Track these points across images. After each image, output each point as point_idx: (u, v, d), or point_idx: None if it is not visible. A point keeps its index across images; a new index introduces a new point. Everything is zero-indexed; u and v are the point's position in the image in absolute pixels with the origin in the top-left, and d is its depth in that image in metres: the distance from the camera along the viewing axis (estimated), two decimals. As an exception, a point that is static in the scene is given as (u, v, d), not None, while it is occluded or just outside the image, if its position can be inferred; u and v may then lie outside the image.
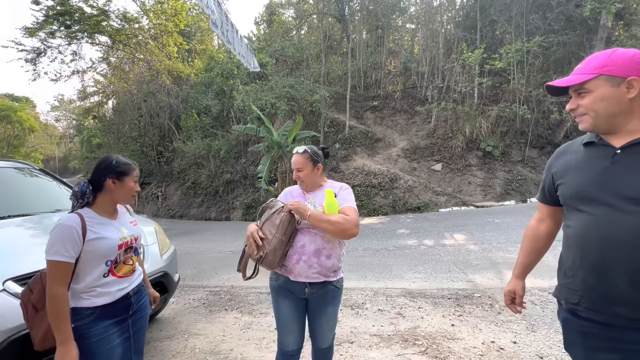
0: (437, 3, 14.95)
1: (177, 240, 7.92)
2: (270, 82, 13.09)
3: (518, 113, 10.34)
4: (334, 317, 1.69)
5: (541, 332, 2.54)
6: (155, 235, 2.69)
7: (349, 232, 1.52)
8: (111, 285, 1.36)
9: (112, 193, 1.40)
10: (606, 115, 0.99)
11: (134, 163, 1.48)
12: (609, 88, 0.97)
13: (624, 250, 0.93)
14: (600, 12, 9.09)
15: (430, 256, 4.93)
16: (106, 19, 13.85)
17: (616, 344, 1.00)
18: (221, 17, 3.93)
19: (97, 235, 1.31)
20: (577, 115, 1.05)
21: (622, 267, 0.93)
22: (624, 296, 0.95)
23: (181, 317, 3.22)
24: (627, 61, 0.95)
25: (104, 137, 20.37)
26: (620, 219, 0.94)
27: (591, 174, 1.02)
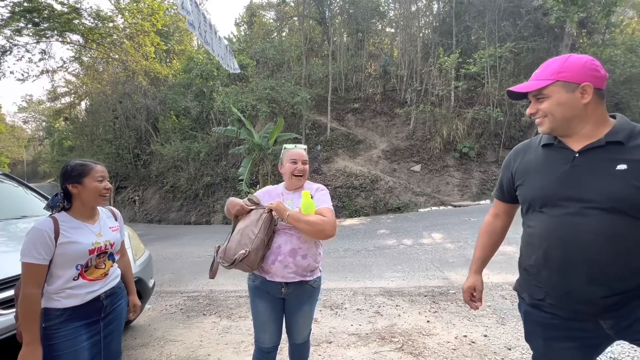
0: (415, 8, 15.34)
1: (155, 246, 7.71)
2: (251, 84, 13.00)
3: (492, 116, 10.76)
4: (310, 315, 1.72)
5: (510, 324, 2.66)
6: (128, 240, 2.61)
7: (326, 233, 1.54)
8: (81, 287, 1.37)
9: (79, 197, 1.41)
10: (563, 119, 1.03)
11: (94, 162, 1.48)
12: (564, 94, 1.00)
13: (584, 251, 0.97)
14: (565, 21, 9.63)
15: (409, 255, 5.05)
16: (78, 17, 13.30)
17: (573, 333, 1.07)
18: (199, 17, 3.89)
19: (68, 240, 1.33)
20: (537, 118, 1.09)
21: (583, 267, 0.98)
22: (584, 294, 1.00)
23: (157, 323, 3.15)
24: (580, 67, 0.99)
25: (77, 139, 19.55)
26: (580, 221, 0.98)
27: (552, 176, 1.06)
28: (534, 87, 1.05)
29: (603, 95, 1.03)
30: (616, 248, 0.95)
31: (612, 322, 1.01)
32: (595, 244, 0.96)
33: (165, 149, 14.08)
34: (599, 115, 1.03)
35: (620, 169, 0.95)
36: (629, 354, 2.11)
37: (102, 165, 1.49)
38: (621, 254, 0.95)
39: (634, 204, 0.93)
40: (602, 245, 0.96)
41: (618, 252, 0.95)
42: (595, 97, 1.00)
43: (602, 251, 0.96)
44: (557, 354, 1.13)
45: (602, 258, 0.96)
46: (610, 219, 0.95)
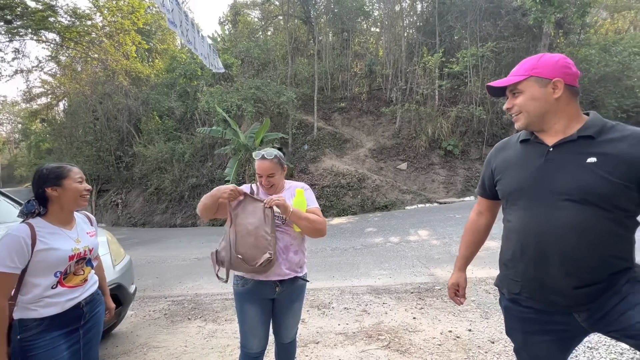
0: (399, 8, 15.50)
1: (139, 250, 7.52)
2: (236, 84, 12.85)
3: (475, 114, 10.99)
4: (299, 312, 1.74)
5: (493, 318, 2.72)
6: (107, 245, 2.54)
7: (323, 232, 1.61)
8: (60, 295, 1.32)
9: (59, 201, 1.36)
10: (536, 114, 1.06)
11: (71, 164, 1.44)
12: (538, 88, 1.05)
13: (558, 243, 1.00)
14: (543, 21, 9.92)
15: (396, 253, 5.09)
16: (53, 15, 12.81)
17: (549, 326, 1.11)
18: (180, 15, 3.80)
19: (47, 246, 1.28)
20: (513, 114, 1.13)
21: (556, 259, 1.01)
22: (558, 286, 1.03)
23: (140, 330, 3.06)
24: (553, 64, 1.04)
25: (55, 141, 18.87)
26: (554, 214, 1.01)
27: (528, 171, 1.09)
28: (510, 82, 1.10)
29: (576, 93, 1.07)
30: (588, 239, 0.98)
31: (585, 315, 1.04)
32: (568, 235, 0.99)
33: (148, 151, 13.76)
34: (571, 111, 1.06)
35: (590, 161, 0.98)
36: (604, 342, 2.18)
37: (77, 167, 1.45)
38: (593, 245, 0.98)
39: (603, 195, 0.96)
40: (574, 237, 0.98)
41: (590, 243, 0.98)
42: (567, 93, 1.04)
43: (575, 243, 0.99)
44: (536, 347, 1.16)
45: (574, 249, 0.99)
46: (582, 211, 0.98)
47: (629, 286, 0.99)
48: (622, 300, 0.98)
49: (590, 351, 2.12)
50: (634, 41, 11.48)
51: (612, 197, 0.96)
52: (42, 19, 12.38)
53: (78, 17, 13.46)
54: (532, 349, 1.18)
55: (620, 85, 10.65)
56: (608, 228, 0.98)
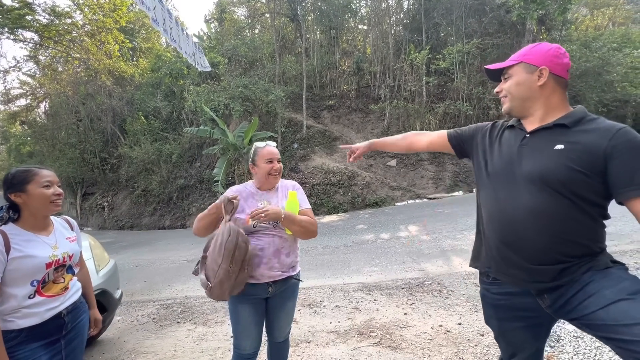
0: (385, 5, 15.54)
1: (126, 253, 7.37)
2: (223, 82, 12.67)
3: (462, 110, 11.12)
4: (292, 310, 1.73)
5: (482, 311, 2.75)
6: (90, 250, 2.46)
7: (314, 234, 1.61)
8: (39, 305, 1.26)
9: (27, 207, 1.29)
10: (519, 98, 1.09)
11: (40, 167, 1.36)
12: (524, 74, 1.07)
13: (517, 223, 1.05)
14: (526, 18, 10.10)
15: (387, 249, 5.12)
16: (31, 13, 12.37)
17: (519, 312, 1.14)
18: (163, 13, 3.71)
19: (22, 254, 1.21)
20: (501, 97, 1.16)
21: (515, 237, 1.06)
22: (517, 261, 1.07)
23: (127, 336, 2.99)
24: (544, 53, 1.06)
25: (36, 144, 18.31)
26: (516, 196, 1.05)
27: (504, 155, 1.13)
28: (501, 66, 1.14)
29: (564, 84, 1.08)
30: (544, 222, 1.01)
31: (548, 301, 1.06)
32: (526, 217, 1.03)
33: (134, 152, 13.47)
34: (554, 101, 1.08)
35: (557, 148, 1.01)
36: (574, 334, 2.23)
37: (48, 169, 1.37)
38: (548, 228, 1.01)
39: (562, 181, 0.99)
40: (531, 219, 1.02)
41: (545, 226, 1.01)
42: (552, 82, 1.06)
43: (531, 224, 1.03)
44: (510, 334, 1.20)
45: (530, 230, 1.03)
46: (541, 196, 1.01)
47: (589, 275, 1.00)
48: (581, 290, 1.00)
49: (576, 340, 2.17)
50: (613, 37, 11.80)
51: (570, 183, 0.98)
52: (18, 17, 11.94)
53: (57, 15, 13.04)
54: (507, 336, 1.22)
55: (601, 80, 10.95)
56: (565, 213, 1.00)
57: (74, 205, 15.70)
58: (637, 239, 3.93)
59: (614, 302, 0.92)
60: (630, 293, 0.92)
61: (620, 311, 0.90)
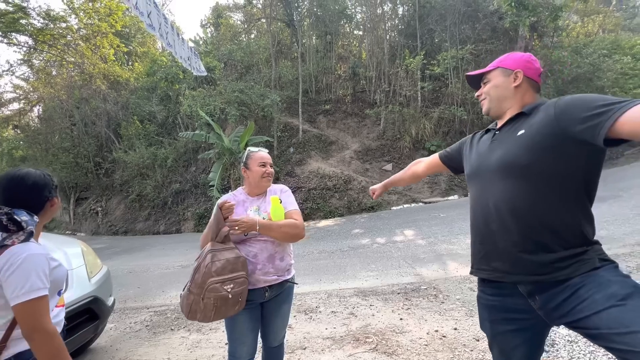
0: (381, 11, 15.71)
1: (120, 259, 7.28)
2: (219, 87, 12.67)
3: (456, 114, 11.23)
4: (287, 314, 1.73)
5: (478, 316, 2.75)
6: (82, 256, 2.43)
7: (297, 237, 1.60)
8: (58, 316, 1.23)
9: (52, 213, 1.23)
10: (496, 99, 1.20)
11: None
12: (502, 77, 1.19)
13: (493, 215, 1.10)
14: (518, 24, 10.26)
15: (382, 254, 5.11)
16: (25, 17, 12.31)
17: (510, 314, 1.14)
18: (159, 18, 3.71)
19: (57, 262, 1.15)
20: (481, 100, 1.27)
21: (493, 229, 1.11)
22: (497, 252, 1.11)
23: (120, 343, 2.94)
24: (518, 59, 1.19)
25: (29, 149, 18.05)
26: (489, 188, 1.12)
27: (478, 156, 1.23)
28: (481, 71, 1.26)
29: (536, 87, 1.18)
30: (516, 210, 1.05)
31: (539, 302, 1.05)
32: (500, 207, 1.08)
33: (129, 156, 13.37)
34: (526, 100, 1.17)
35: (519, 134, 1.08)
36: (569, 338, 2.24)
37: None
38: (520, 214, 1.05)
39: (526, 164, 1.02)
40: (505, 208, 1.07)
41: (517, 213, 1.04)
42: (526, 84, 1.17)
43: (504, 214, 1.07)
44: (501, 337, 1.19)
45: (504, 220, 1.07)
46: (508, 182, 1.07)
47: (579, 279, 0.99)
48: (573, 294, 0.99)
49: (570, 345, 2.17)
50: (603, 44, 12.03)
51: (534, 164, 1.01)
52: (12, 21, 11.88)
53: (52, 19, 12.99)
54: (499, 340, 1.20)
55: (592, 86, 11.12)
56: (535, 198, 1.02)
57: (67, 210, 15.50)
58: (629, 242, 3.97)
59: (606, 309, 0.91)
60: (620, 298, 0.91)
61: (612, 318, 0.90)
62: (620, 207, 5.60)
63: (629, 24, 19.83)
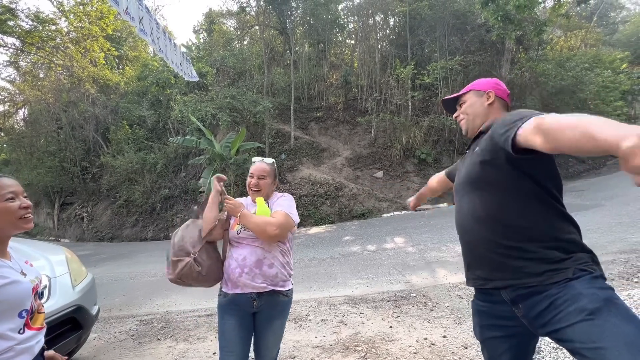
0: (372, 22, 16.01)
1: (105, 266, 7.10)
2: (211, 93, 12.63)
3: (446, 124, 11.44)
4: (280, 331, 1.67)
5: (467, 323, 2.78)
6: (66, 264, 2.36)
7: (267, 233, 1.52)
8: (30, 339, 1.04)
9: None
10: (473, 117, 1.31)
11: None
12: (476, 98, 1.33)
13: (466, 228, 1.22)
14: (505, 38, 10.59)
15: (373, 261, 5.12)
16: (13, 18, 12.11)
17: (498, 321, 1.17)
18: (151, 23, 3.70)
19: (7, 280, 0.98)
20: (460, 120, 1.38)
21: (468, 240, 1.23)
22: (476, 261, 1.21)
23: (103, 354, 2.86)
24: (487, 82, 1.35)
25: (13, 152, 17.60)
26: (460, 204, 1.25)
27: (459, 171, 1.34)
28: (456, 95, 1.41)
29: (506, 106, 1.32)
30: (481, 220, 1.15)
31: (522, 311, 1.07)
32: (469, 219, 1.20)
33: (117, 161, 13.15)
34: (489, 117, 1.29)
35: (476, 151, 1.20)
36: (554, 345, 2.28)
37: (9, 177, 1.10)
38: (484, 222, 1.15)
39: (480, 177, 1.15)
40: (471, 219, 1.18)
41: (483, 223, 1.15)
42: (497, 103, 1.30)
43: (473, 224, 1.18)
44: (489, 343, 1.22)
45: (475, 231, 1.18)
46: (472, 197, 1.19)
47: (555, 289, 1.00)
48: (550, 304, 1.00)
49: (555, 351, 2.21)
50: (585, 58, 12.51)
51: (486, 175, 1.13)
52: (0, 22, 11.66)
53: (41, 21, 12.80)
54: (488, 346, 1.23)
55: (575, 98, 11.52)
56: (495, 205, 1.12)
57: (50, 215, 15.08)
58: (612, 250, 4.08)
59: (577, 323, 0.92)
60: (588, 313, 0.91)
61: (582, 332, 0.91)
62: (603, 215, 5.76)
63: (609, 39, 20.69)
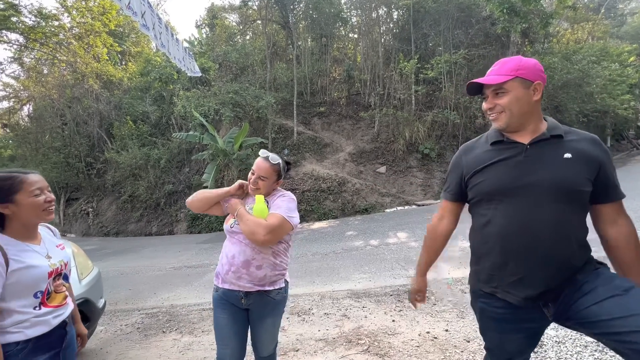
0: (375, 15, 15.83)
1: (111, 261, 7.19)
2: (214, 88, 12.63)
3: (449, 118, 11.36)
4: (273, 329, 1.65)
5: (469, 317, 2.79)
6: (72, 257, 2.40)
7: (255, 237, 1.45)
8: (46, 314, 1.20)
9: (17, 217, 1.19)
10: (519, 114, 1.09)
11: (25, 171, 1.24)
12: (522, 90, 1.08)
13: (537, 238, 1.05)
14: (510, 30, 10.44)
15: (375, 256, 5.14)
16: (16, 14, 12.13)
17: (523, 324, 1.16)
18: (153, 18, 3.70)
19: (23, 265, 1.14)
20: (493, 114, 1.13)
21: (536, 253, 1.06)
22: (534, 279, 1.08)
23: (110, 346, 2.91)
24: (533, 67, 1.09)
25: (19, 148, 17.74)
26: (533, 209, 1.05)
27: (507, 168, 1.11)
28: (497, 81, 1.10)
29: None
30: (565, 233, 1.05)
31: (552, 310, 1.10)
32: (548, 230, 1.04)
33: (121, 157, 13.22)
34: (540, 113, 1.14)
35: (566, 157, 1.06)
36: (570, 336, 2.29)
37: (35, 173, 1.24)
38: (569, 238, 1.06)
39: (576, 189, 1.05)
40: (553, 231, 1.04)
41: (566, 236, 1.06)
42: (540, 96, 1.11)
43: (555, 236, 1.05)
44: (508, 343, 1.22)
45: (554, 243, 1.05)
46: (559, 206, 1.05)
47: (582, 276, 1.07)
48: (577, 290, 1.05)
49: (557, 345, 2.22)
50: (592, 50, 12.31)
51: (581, 190, 1.05)
52: (3, 18, 11.69)
53: (44, 17, 12.82)
54: (505, 345, 1.22)
55: (581, 92, 11.36)
56: (578, 221, 1.07)
57: (57, 210, 15.24)
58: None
59: (608, 298, 0.99)
60: (624, 289, 0.99)
61: (614, 305, 0.97)
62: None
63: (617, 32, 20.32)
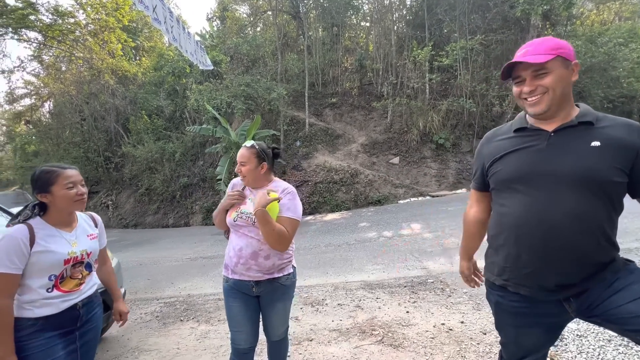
0: (388, 2, 15.41)
1: (130, 252, 7.43)
2: (226, 81, 12.67)
3: (465, 107, 11.04)
4: (283, 312, 1.70)
5: (485, 310, 2.74)
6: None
7: (281, 247, 1.53)
8: (56, 298, 1.33)
9: (53, 205, 1.35)
10: (560, 95, 1.01)
11: (64, 166, 1.38)
12: (563, 70, 1.00)
13: (558, 228, 0.99)
14: (530, 13, 9.97)
15: (389, 247, 5.11)
16: (34, 13, 12.43)
17: (541, 318, 1.12)
18: (164, 12, 3.70)
19: (44, 248, 1.28)
20: (535, 96, 1.03)
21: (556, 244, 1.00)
22: (551, 271, 1.03)
23: (130, 333, 3.02)
24: (567, 46, 1.03)
25: (41, 143, 18.44)
26: (555, 198, 0.99)
27: (529, 155, 1.06)
28: (539, 60, 0.99)
29: None
30: (588, 225, 0.98)
31: (575, 305, 1.05)
32: (570, 221, 0.98)
33: (137, 151, 13.53)
34: (572, 98, 1.07)
35: (594, 145, 0.99)
36: (593, 330, 2.21)
37: (73, 169, 1.40)
38: (592, 230, 0.99)
39: (606, 181, 0.97)
40: (576, 222, 0.98)
41: (589, 229, 0.99)
42: (577, 77, 1.05)
43: (576, 228, 0.98)
44: (525, 338, 1.18)
45: (575, 235, 0.98)
46: (584, 196, 0.98)
47: (612, 274, 1.03)
48: (608, 288, 1.01)
49: (579, 339, 2.15)
50: (619, 32, 11.61)
51: (609, 180, 0.97)
52: (22, 17, 12.01)
53: (60, 14, 13.10)
54: (521, 340, 1.19)
55: (606, 76, 10.80)
56: (604, 214, 0.99)
57: (80, 203, 15.83)
58: (643, 236, 3.89)
59: None
60: None
61: None
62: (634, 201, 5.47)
63: (647, 11, 19.07)
